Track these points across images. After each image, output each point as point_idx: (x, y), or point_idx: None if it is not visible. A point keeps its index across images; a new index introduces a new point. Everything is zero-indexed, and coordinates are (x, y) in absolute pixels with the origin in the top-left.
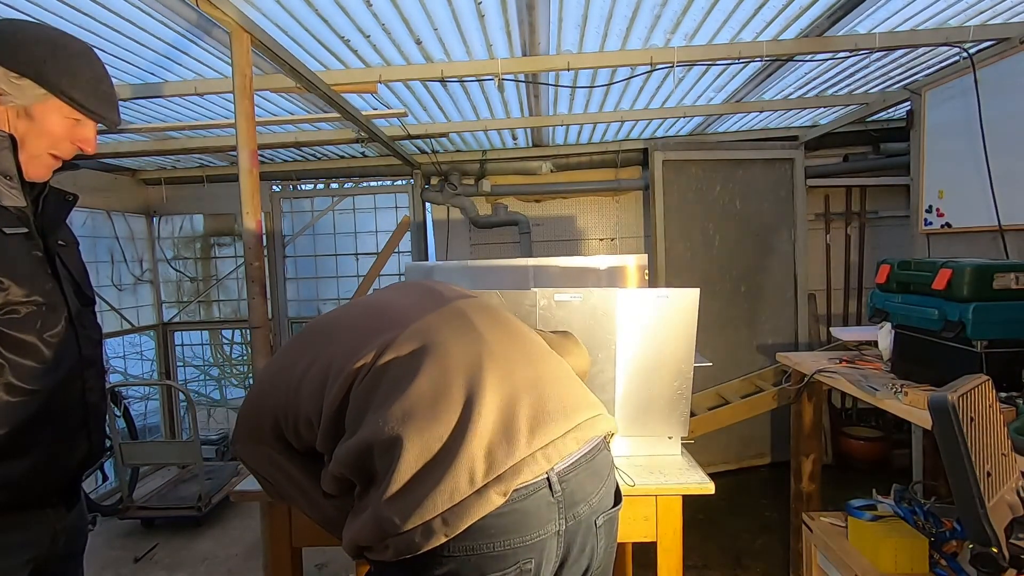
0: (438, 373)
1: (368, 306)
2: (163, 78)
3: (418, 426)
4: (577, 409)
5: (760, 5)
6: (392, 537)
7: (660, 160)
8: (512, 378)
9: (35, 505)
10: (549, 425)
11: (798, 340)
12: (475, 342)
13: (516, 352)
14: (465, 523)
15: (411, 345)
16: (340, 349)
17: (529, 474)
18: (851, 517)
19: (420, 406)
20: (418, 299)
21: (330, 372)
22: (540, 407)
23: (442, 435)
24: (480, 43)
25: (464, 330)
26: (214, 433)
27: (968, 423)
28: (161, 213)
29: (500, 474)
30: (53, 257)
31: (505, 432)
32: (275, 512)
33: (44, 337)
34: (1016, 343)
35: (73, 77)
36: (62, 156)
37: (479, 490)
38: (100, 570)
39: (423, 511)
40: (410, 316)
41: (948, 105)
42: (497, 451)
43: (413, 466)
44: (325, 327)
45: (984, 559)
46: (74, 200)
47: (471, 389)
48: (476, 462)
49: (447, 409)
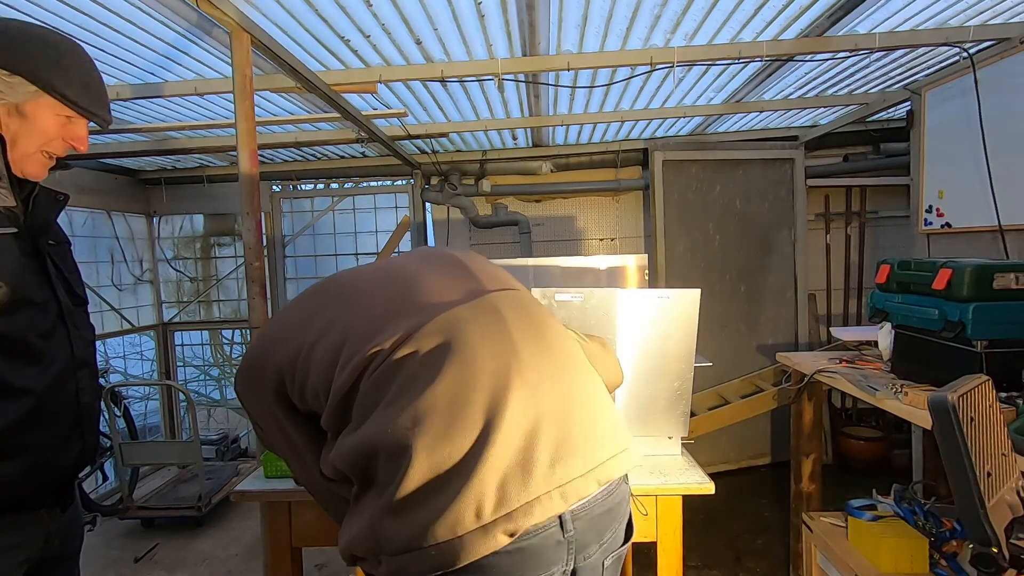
0: (459, 381)
1: (393, 275)
2: (163, 78)
3: (429, 439)
4: (602, 444)
5: (760, 5)
6: (385, 556)
7: (660, 160)
8: (538, 399)
9: (28, 506)
10: (571, 460)
11: (798, 340)
12: (505, 351)
13: (547, 366)
14: (463, 561)
15: (434, 340)
16: (358, 323)
17: (542, 515)
18: (851, 517)
19: (434, 415)
20: (449, 279)
21: (343, 349)
22: (564, 438)
23: (454, 455)
24: (480, 43)
25: (495, 333)
26: (214, 433)
27: (968, 423)
28: (161, 213)
29: (510, 512)
30: (44, 257)
31: (522, 463)
32: (275, 512)
33: (35, 337)
34: (1016, 343)
35: (64, 74)
36: (55, 154)
37: (485, 526)
38: (100, 570)
39: (420, 538)
40: (438, 302)
41: (948, 105)
42: (511, 484)
43: (417, 483)
44: (346, 288)
45: (984, 559)
46: (65, 200)
47: (492, 407)
48: (486, 494)
49: (463, 426)
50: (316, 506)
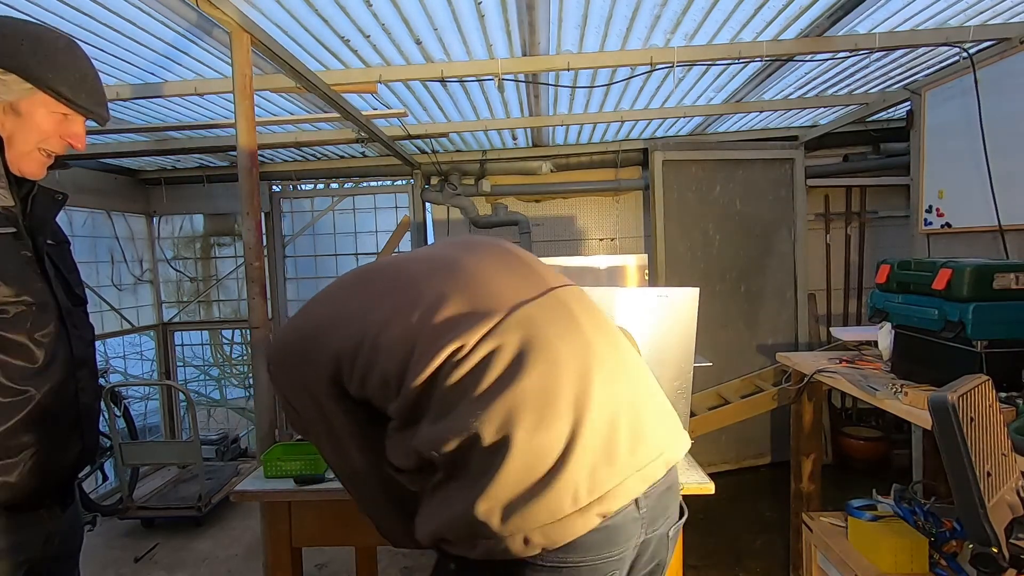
0: (545, 375)
1: (451, 269)
2: (163, 78)
3: (525, 432)
4: (667, 429)
5: (760, 5)
6: (485, 539)
7: (660, 160)
8: (614, 390)
9: (28, 506)
10: (645, 446)
11: (798, 340)
12: (581, 346)
13: (616, 359)
14: (564, 539)
15: (515, 338)
16: (428, 318)
17: (625, 497)
18: (851, 517)
19: (526, 409)
20: (510, 276)
21: (417, 342)
22: (638, 426)
23: (549, 448)
24: (480, 43)
25: (571, 331)
26: (214, 433)
27: (968, 423)
28: (161, 213)
29: (602, 496)
30: (42, 257)
31: (607, 452)
32: (275, 512)
33: (35, 337)
34: (1016, 343)
35: (59, 71)
36: (53, 152)
37: (581, 510)
38: (100, 570)
39: (522, 521)
40: (507, 299)
41: (948, 105)
42: (600, 471)
43: (516, 473)
44: (402, 277)
45: (984, 559)
46: (63, 199)
47: (579, 400)
48: (580, 481)
49: (555, 418)
50: (316, 506)
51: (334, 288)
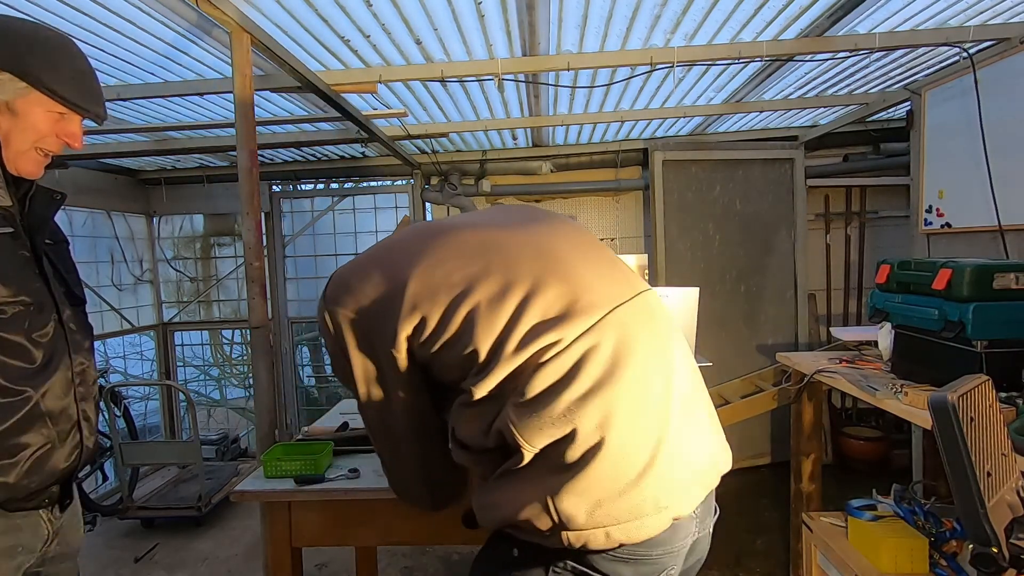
0: (639, 383)
1: (544, 252)
2: (163, 78)
3: (619, 435)
4: (720, 440)
5: (760, 5)
6: (567, 531)
7: (660, 160)
8: (687, 401)
9: (26, 507)
10: (706, 455)
11: (798, 340)
12: (665, 356)
13: (686, 372)
14: (643, 537)
15: (610, 339)
16: (526, 304)
17: (691, 504)
18: (851, 517)
19: (621, 413)
20: (602, 269)
21: (515, 327)
22: (702, 437)
23: (638, 452)
24: (480, 43)
25: (655, 338)
26: (214, 433)
27: (968, 423)
28: (161, 213)
29: (676, 501)
30: (40, 256)
31: (682, 459)
32: (275, 512)
33: (32, 337)
34: (1016, 343)
35: (54, 70)
36: (50, 151)
37: (660, 511)
38: (100, 570)
39: (607, 518)
40: (603, 297)
41: (948, 105)
42: (675, 478)
43: (606, 473)
44: (501, 258)
45: (984, 559)
46: (62, 199)
47: (664, 409)
48: (661, 486)
49: (645, 426)
50: (316, 506)
51: (416, 242)
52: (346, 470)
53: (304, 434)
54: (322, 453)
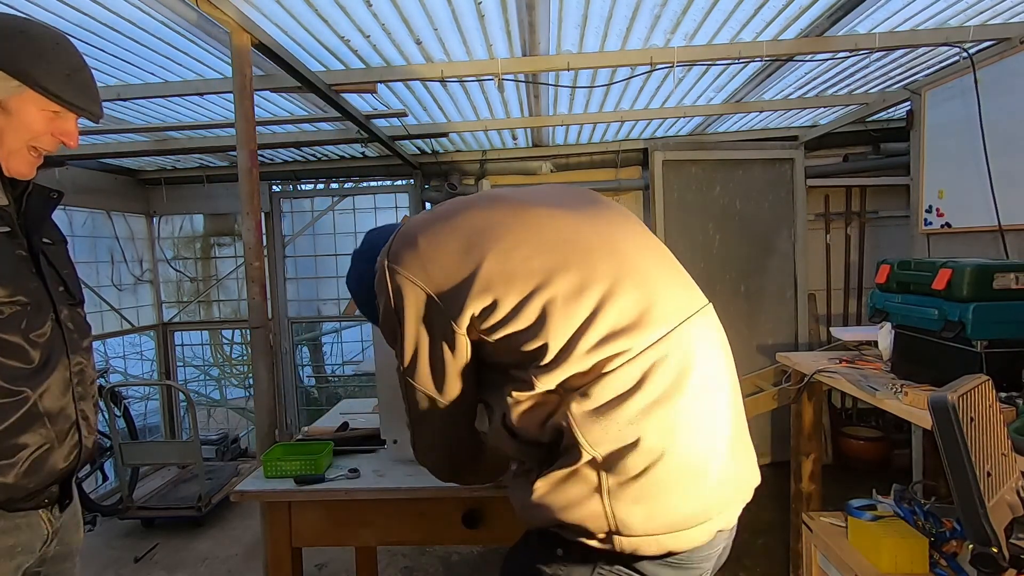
0: (701, 399)
1: (616, 251)
2: (163, 78)
3: (680, 448)
4: (752, 453)
5: (760, 5)
6: (621, 536)
7: (660, 160)
8: (736, 417)
9: (26, 507)
10: (744, 469)
11: (798, 340)
12: (723, 378)
13: (733, 388)
14: (691, 547)
15: (678, 353)
16: (601, 308)
17: (734, 516)
18: (851, 517)
19: (684, 428)
20: (669, 276)
21: (588, 329)
22: (745, 450)
23: (695, 466)
24: (480, 43)
25: (716, 356)
26: (214, 433)
27: (968, 423)
28: (161, 213)
29: (723, 514)
30: (37, 256)
31: (732, 475)
32: (275, 512)
33: (29, 338)
34: (1016, 343)
35: (48, 68)
36: (45, 150)
37: (709, 522)
38: (100, 570)
39: (660, 527)
40: (673, 309)
41: (948, 105)
42: (724, 492)
43: (665, 484)
44: (575, 238)
45: (984, 559)
46: (59, 198)
47: (720, 425)
48: (712, 501)
49: (704, 441)
50: (316, 506)
51: (493, 215)
52: (346, 470)
53: (304, 434)
54: (322, 453)
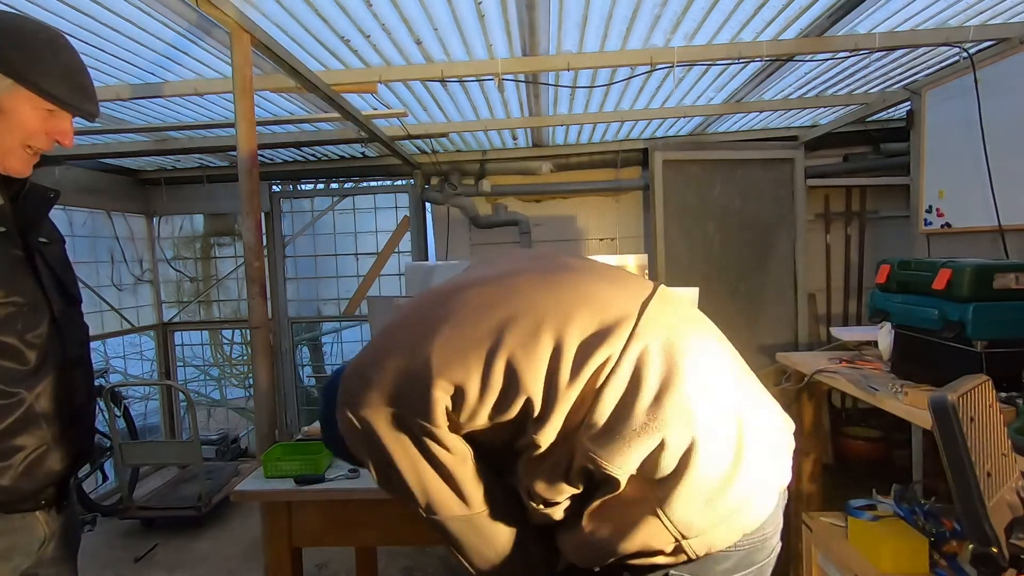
0: (704, 369)
1: (556, 286)
2: (163, 78)
3: (706, 426)
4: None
5: (760, 5)
6: (688, 539)
7: (660, 160)
8: (743, 370)
9: (22, 509)
10: (775, 415)
11: (798, 340)
12: (713, 338)
13: (725, 340)
14: (760, 520)
15: (656, 337)
16: (564, 336)
17: (786, 468)
18: (851, 517)
19: (700, 405)
20: (611, 283)
21: (561, 360)
22: (764, 397)
23: (728, 436)
24: (480, 43)
25: (694, 323)
26: (214, 433)
27: (968, 423)
28: (161, 213)
29: (775, 471)
30: (33, 256)
31: (765, 429)
32: (275, 512)
33: (25, 338)
34: (1016, 343)
35: (42, 66)
36: (40, 149)
37: (765, 489)
38: (100, 570)
39: (720, 510)
40: (628, 302)
41: (948, 105)
42: (766, 448)
43: (706, 467)
44: (511, 291)
45: (984, 559)
46: (55, 196)
47: (733, 385)
48: (758, 463)
49: (726, 408)
50: (316, 506)
51: (424, 314)
52: (346, 470)
53: (304, 434)
54: (322, 453)
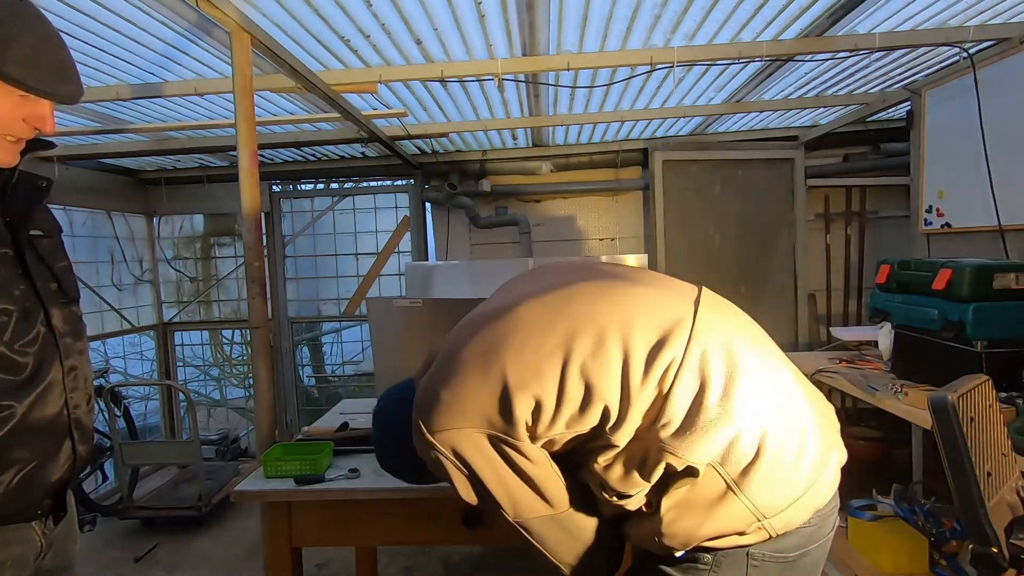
0: (760, 361)
1: (597, 289)
2: (163, 78)
3: (775, 414)
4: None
5: (760, 5)
6: (766, 519)
7: (660, 160)
8: (784, 360)
9: (17, 520)
10: (817, 402)
11: (798, 340)
12: (759, 331)
13: (764, 333)
14: (829, 495)
15: (712, 338)
16: (628, 343)
17: (840, 445)
18: (851, 517)
19: (764, 394)
20: (650, 283)
21: (630, 366)
22: (806, 382)
23: (793, 420)
24: (480, 43)
25: (741, 318)
26: (214, 433)
27: (968, 423)
28: (161, 213)
29: (831, 445)
30: (24, 253)
31: (822, 409)
32: (275, 512)
33: (15, 347)
34: (1016, 343)
35: (5, 50)
36: (21, 137)
37: (827, 464)
38: (100, 570)
39: (796, 489)
40: (681, 305)
41: (948, 105)
42: (822, 426)
43: (779, 451)
44: (568, 305)
45: (984, 559)
46: (48, 185)
47: (786, 373)
48: (819, 438)
49: (786, 395)
50: (316, 506)
51: (488, 334)
52: (346, 470)
53: (304, 434)
54: (322, 453)
